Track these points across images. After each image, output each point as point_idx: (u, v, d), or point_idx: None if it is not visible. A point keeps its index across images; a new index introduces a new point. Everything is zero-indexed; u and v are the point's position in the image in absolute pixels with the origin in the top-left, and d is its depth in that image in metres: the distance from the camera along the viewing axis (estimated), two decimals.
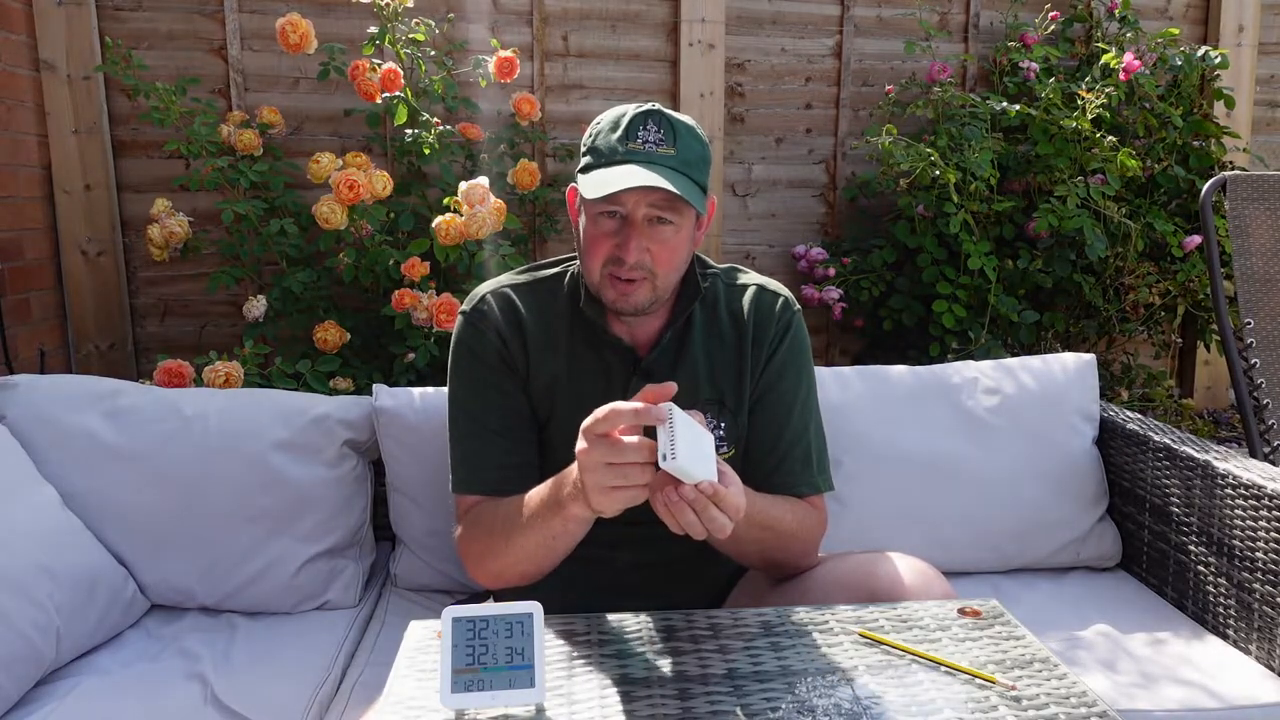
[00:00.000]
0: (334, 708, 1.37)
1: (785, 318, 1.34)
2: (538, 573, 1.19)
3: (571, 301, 1.32)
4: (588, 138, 1.26)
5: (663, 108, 1.23)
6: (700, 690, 0.92)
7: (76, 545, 1.49)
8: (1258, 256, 2.22)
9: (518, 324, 1.31)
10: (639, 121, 1.20)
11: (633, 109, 1.22)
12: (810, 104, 3.17)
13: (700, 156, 1.23)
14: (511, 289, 1.35)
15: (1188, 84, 3.00)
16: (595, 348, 1.31)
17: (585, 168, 1.23)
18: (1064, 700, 0.90)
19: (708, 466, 0.97)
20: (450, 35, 2.76)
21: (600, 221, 1.21)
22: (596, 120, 1.26)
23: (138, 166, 2.72)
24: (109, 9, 2.64)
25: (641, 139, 1.19)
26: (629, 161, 1.18)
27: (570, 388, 1.30)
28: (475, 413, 1.30)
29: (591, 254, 1.23)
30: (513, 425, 1.29)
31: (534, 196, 2.74)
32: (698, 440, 0.97)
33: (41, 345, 2.53)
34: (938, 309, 2.74)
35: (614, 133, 1.21)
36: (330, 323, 2.29)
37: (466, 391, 1.31)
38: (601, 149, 1.21)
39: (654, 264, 1.21)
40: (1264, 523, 1.47)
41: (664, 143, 1.19)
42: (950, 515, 1.76)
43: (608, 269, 1.22)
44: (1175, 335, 3.26)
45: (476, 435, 1.29)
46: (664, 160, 1.18)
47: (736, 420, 1.31)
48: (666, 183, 1.15)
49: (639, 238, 1.19)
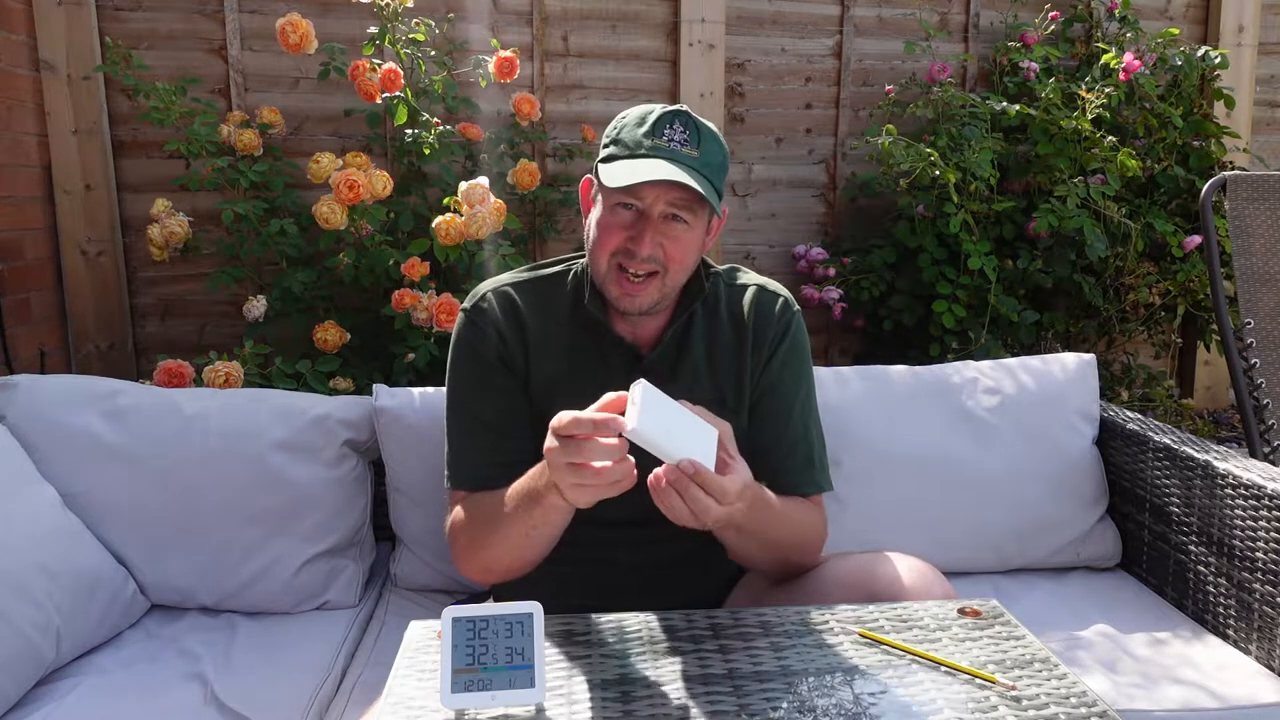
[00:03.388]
0: (334, 708, 1.37)
1: (785, 318, 1.35)
2: (522, 566, 1.20)
3: (574, 299, 1.33)
4: (612, 129, 1.26)
5: (691, 111, 1.24)
6: (700, 690, 0.92)
7: (76, 545, 1.49)
8: (1258, 256, 2.22)
9: (518, 322, 1.32)
10: (666, 120, 1.21)
11: (660, 107, 1.23)
12: (810, 104, 3.17)
13: (721, 163, 1.24)
14: (513, 287, 1.35)
15: (1188, 84, 3.00)
16: (597, 345, 1.31)
17: (607, 158, 1.23)
18: (1064, 700, 0.90)
19: (688, 446, 0.98)
20: (450, 35, 2.76)
21: (617, 211, 1.22)
22: (622, 115, 1.26)
23: (138, 166, 2.72)
24: (109, 9, 2.64)
25: (667, 137, 1.20)
26: (654, 156, 1.18)
27: (572, 385, 1.30)
28: (472, 409, 1.31)
29: (602, 243, 1.23)
30: (509, 423, 1.30)
31: (534, 196, 2.74)
32: (679, 421, 1.00)
33: (41, 345, 2.53)
34: (938, 309, 2.74)
35: (640, 127, 1.21)
36: (330, 323, 2.29)
37: (464, 388, 1.32)
38: (626, 141, 1.22)
39: (666, 260, 1.21)
40: (1264, 523, 1.47)
41: (689, 143, 1.20)
42: (950, 515, 1.76)
43: (616, 259, 1.22)
44: (1175, 335, 3.26)
45: (472, 432, 1.30)
46: (688, 160, 1.19)
47: (738, 420, 1.31)
48: (691, 180, 1.15)
49: (654, 232, 1.20)
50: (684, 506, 1.00)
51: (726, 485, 1.01)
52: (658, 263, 1.21)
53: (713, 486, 0.99)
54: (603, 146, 1.27)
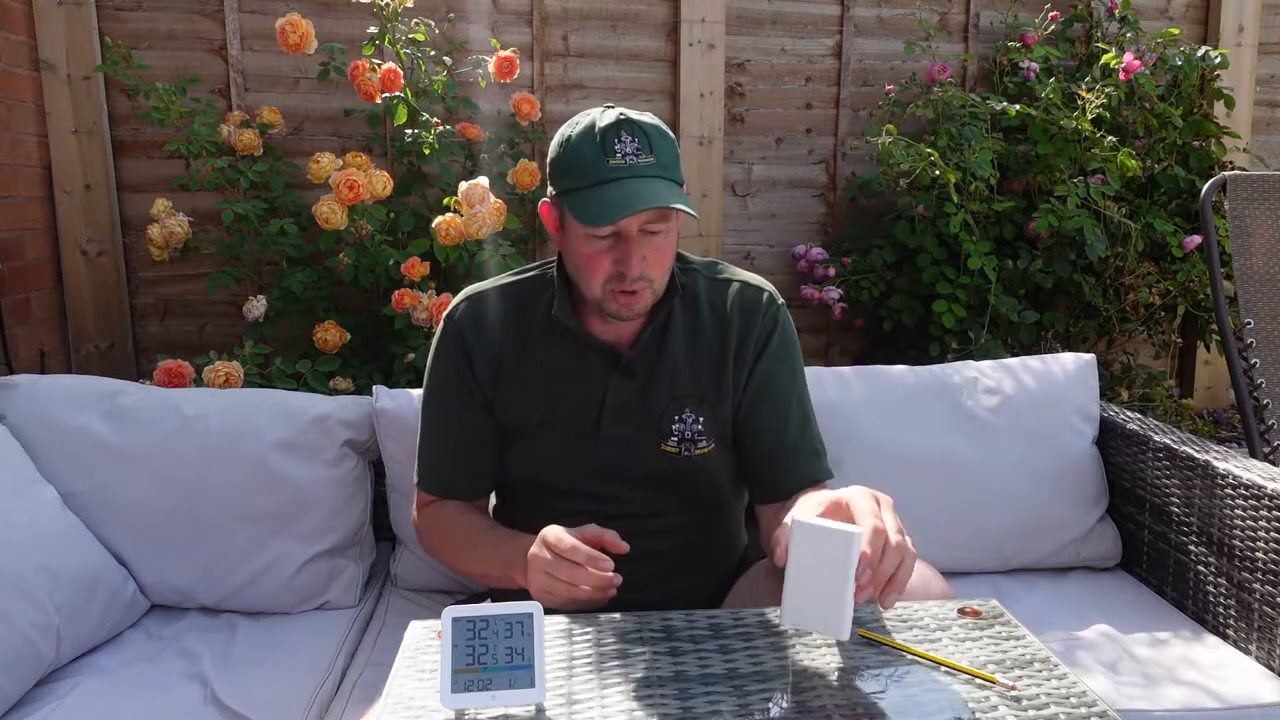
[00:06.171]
0: (334, 708, 1.37)
1: (772, 312, 1.35)
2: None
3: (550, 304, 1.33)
4: (559, 153, 1.23)
5: (626, 111, 1.21)
6: (700, 690, 0.92)
7: (76, 545, 1.49)
8: (1258, 256, 2.22)
9: (495, 328, 1.34)
10: (612, 135, 1.18)
11: (600, 120, 1.20)
12: (810, 104, 3.17)
13: (674, 156, 1.23)
14: (494, 291, 1.37)
15: (1188, 84, 3.00)
16: (575, 348, 1.32)
17: (567, 190, 1.21)
18: (1064, 700, 0.90)
19: (832, 620, 0.91)
20: (450, 35, 2.76)
21: (594, 241, 1.21)
22: (563, 136, 1.22)
23: (138, 166, 2.72)
24: (109, 9, 2.64)
25: (620, 152, 1.17)
26: (615, 178, 1.17)
27: (550, 388, 1.32)
28: (436, 420, 1.39)
29: (592, 273, 1.22)
30: (474, 439, 1.36)
31: (534, 196, 2.73)
32: (820, 589, 0.91)
33: (41, 345, 2.53)
34: (938, 309, 2.74)
35: (589, 150, 1.18)
36: (330, 323, 2.29)
37: (432, 396, 1.39)
38: (584, 170, 1.19)
39: (650, 270, 1.22)
40: (1264, 523, 1.47)
41: (642, 151, 1.18)
42: (950, 515, 1.76)
43: (610, 285, 1.22)
44: (1175, 335, 3.26)
45: (440, 442, 1.38)
46: (647, 171, 1.18)
47: (716, 414, 1.32)
48: (664, 199, 1.15)
49: (637, 250, 1.20)
50: (906, 572, 0.94)
51: (904, 578, 0.94)
52: (645, 278, 1.22)
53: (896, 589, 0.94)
54: (553, 172, 1.24)
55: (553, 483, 1.34)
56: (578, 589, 1.07)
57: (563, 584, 1.07)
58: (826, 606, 0.91)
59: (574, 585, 1.07)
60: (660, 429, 1.30)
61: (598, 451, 1.31)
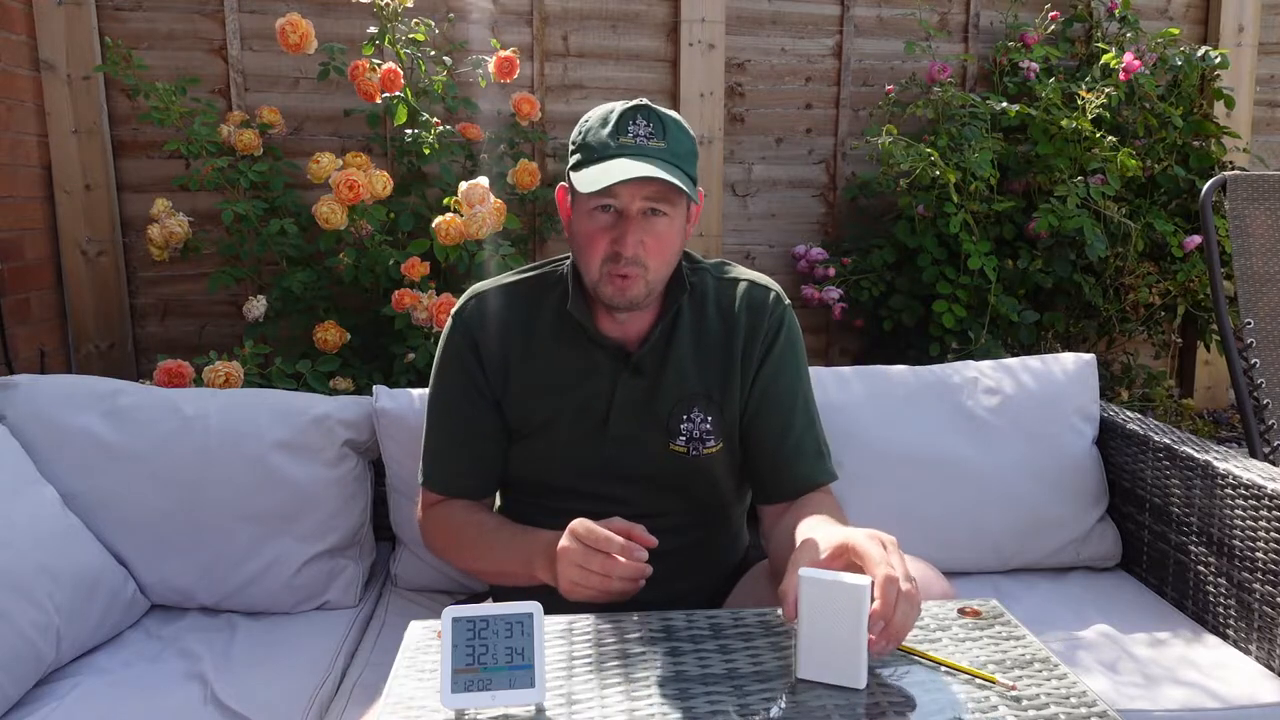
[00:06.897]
0: (334, 708, 1.37)
1: (778, 312, 1.35)
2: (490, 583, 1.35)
3: (561, 300, 1.33)
4: (577, 135, 1.26)
5: (651, 103, 1.24)
6: (700, 690, 0.92)
7: (76, 545, 1.49)
8: (1258, 256, 2.22)
9: (505, 324, 1.33)
10: (628, 116, 1.21)
11: (621, 105, 1.23)
12: (810, 104, 3.17)
13: (689, 150, 1.24)
14: (502, 289, 1.36)
15: (1188, 84, 3.00)
16: (584, 345, 1.32)
17: (576, 165, 1.23)
18: (1064, 700, 0.90)
19: (848, 670, 0.91)
20: (450, 35, 2.76)
21: (595, 216, 1.22)
22: (584, 118, 1.26)
23: (138, 166, 2.72)
24: (109, 9, 2.64)
25: (632, 133, 1.20)
26: (621, 155, 1.18)
27: (559, 385, 1.31)
28: (443, 419, 1.37)
29: (590, 252, 1.23)
30: (482, 437, 1.34)
31: (534, 196, 2.74)
32: (833, 641, 0.91)
33: (41, 345, 2.53)
34: (938, 309, 2.74)
35: (604, 129, 1.21)
36: (330, 323, 2.29)
37: (439, 395, 1.38)
38: (592, 145, 1.22)
39: (646, 257, 1.22)
40: (1264, 523, 1.47)
41: (654, 136, 1.20)
42: (950, 515, 1.76)
43: (606, 266, 1.22)
44: (1175, 335, 3.26)
45: (448, 441, 1.37)
46: (655, 153, 1.19)
47: (724, 414, 1.32)
48: (661, 173, 1.16)
49: (635, 231, 1.20)
50: (912, 621, 0.93)
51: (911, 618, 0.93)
52: (639, 263, 1.21)
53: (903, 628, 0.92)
54: (570, 154, 1.26)
55: (554, 481, 1.34)
56: (610, 580, 1.05)
57: (596, 575, 1.06)
58: (841, 658, 0.91)
59: (606, 577, 1.05)
60: (668, 428, 1.30)
61: (603, 450, 1.31)
